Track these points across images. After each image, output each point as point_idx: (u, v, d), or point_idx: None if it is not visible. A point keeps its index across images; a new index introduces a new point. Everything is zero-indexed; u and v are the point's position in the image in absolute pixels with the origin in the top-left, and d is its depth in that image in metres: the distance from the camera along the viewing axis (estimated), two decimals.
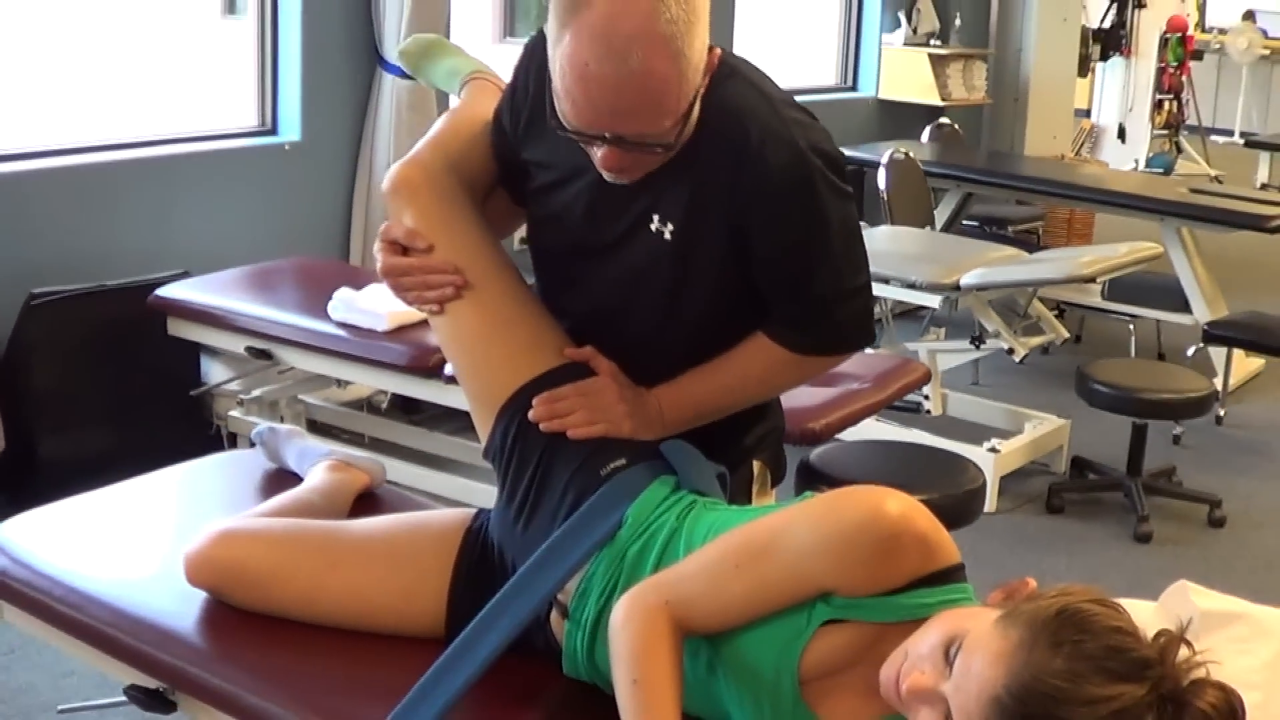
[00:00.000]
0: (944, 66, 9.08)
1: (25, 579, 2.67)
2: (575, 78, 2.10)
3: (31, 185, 5.13)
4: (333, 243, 6.05)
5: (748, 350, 2.43)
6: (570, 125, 2.16)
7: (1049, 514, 5.47)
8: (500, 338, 2.48)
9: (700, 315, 2.41)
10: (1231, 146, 14.40)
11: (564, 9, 2.11)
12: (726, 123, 2.23)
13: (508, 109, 2.50)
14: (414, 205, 2.52)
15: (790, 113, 2.29)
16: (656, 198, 2.31)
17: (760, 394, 2.57)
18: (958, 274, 5.76)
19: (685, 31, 2.10)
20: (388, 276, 2.51)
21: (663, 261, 2.35)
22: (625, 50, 2.06)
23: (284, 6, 5.86)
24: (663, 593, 2.05)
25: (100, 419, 5.03)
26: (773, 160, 2.23)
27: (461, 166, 2.57)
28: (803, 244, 2.32)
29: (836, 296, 2.39)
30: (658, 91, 2.10)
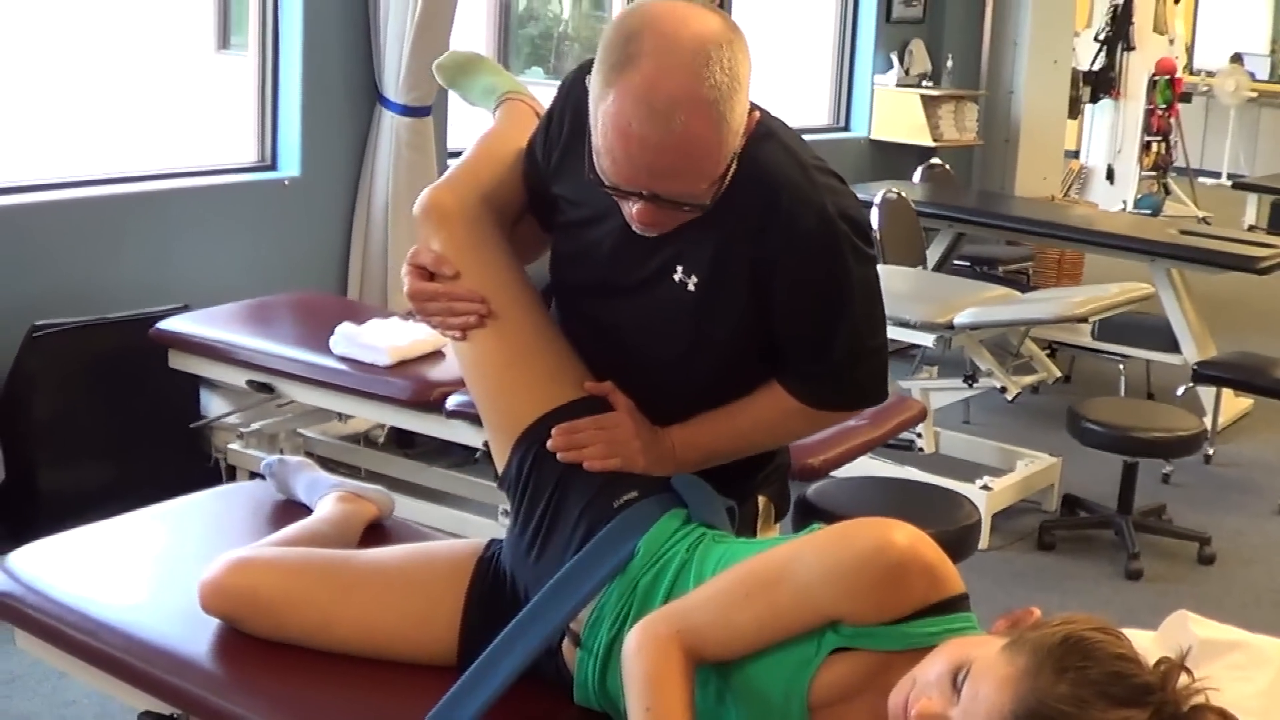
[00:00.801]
0: (936, 107, 9.14)
1: (38, 605, 2.71)
2: (617, 136, 2.14)
3: (34, 218, 5.16)
4: (331, 278, 6.09)
5: (762, 398, 2.48)
6: (608, 180, 2.20)
7: (1040, 551, 5.51)
8: (521, 368, 2.52)
9: (717, 363, 2.46)
10: (1219, 188, 14.48)
11: (610, 67, 2.15)
12: (758, 183, 2.27)
13: (541, 142, 2.54)
14: (443, 231, 2.55)
15: (821, 178, 2.34)
16: (682, 249, 2.35)
17: (771, 441, 2.63)
18: (951, 313, 5.81)
19: (728, 96, 2.14)
20: (413, 300, 2.54)
21: (684, 312, 2.39)
22: (668, 113, 2.10)
23: (285, 42, 5.90)
24: (674, 622, 2.09)
25: (100, 451, 5.05)
26: (801, 223, 2.28)
27: (492, 193, 2.60)
28: (825, 305, 2.36)
29: (854, 356, 2.44)
30: (698, 155, 2.15)
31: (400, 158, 6.02)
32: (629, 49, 2.13)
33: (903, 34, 9.34)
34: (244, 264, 5.74)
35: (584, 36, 12.07)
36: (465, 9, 6.18)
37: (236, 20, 14.25)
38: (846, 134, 9.21)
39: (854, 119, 9.32)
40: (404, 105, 5.99)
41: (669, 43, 2.12)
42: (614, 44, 2.16)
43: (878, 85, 9.22)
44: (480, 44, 7.89)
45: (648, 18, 2.17)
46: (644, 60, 2.11)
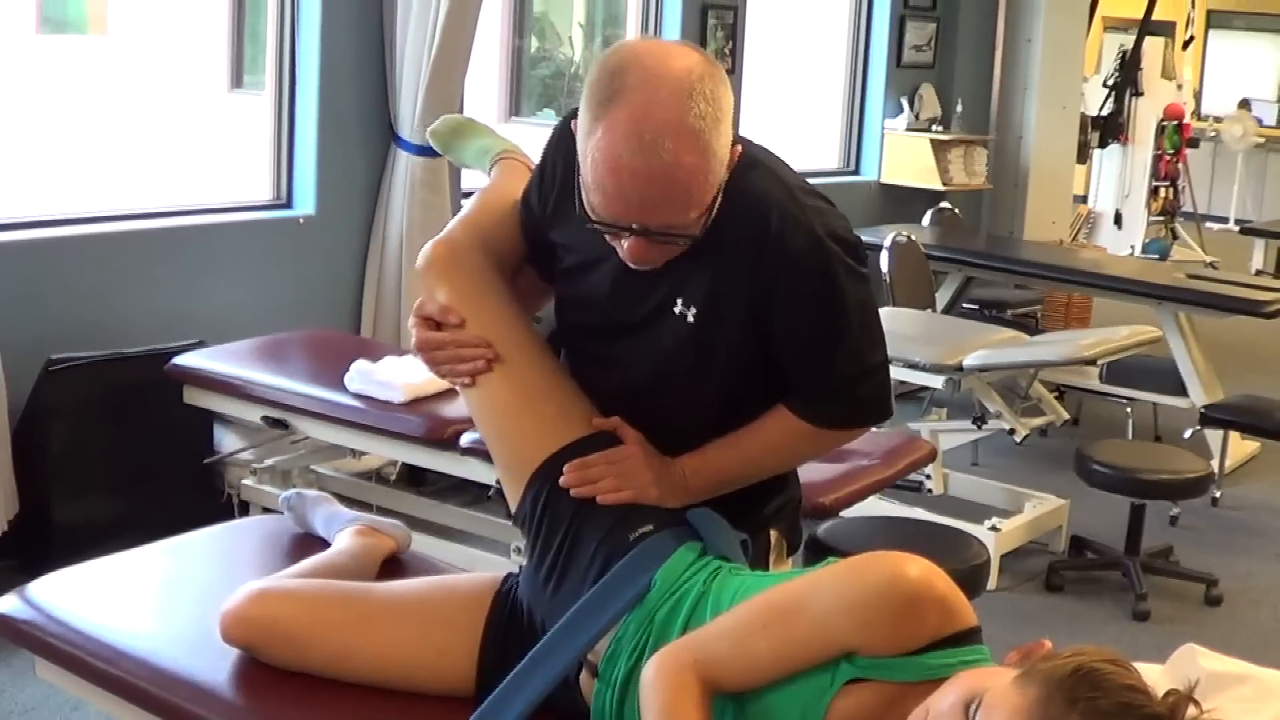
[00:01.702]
0: (945, 152, 9.19)
1: (60, 635, 2.74)
2: (607, 169, 2.20)
3: (51, 253, 5.21)
4: (345, 316, 6.13)
5: (769, 422, 2.52)
6: (599, 216, 2.26)
7: (1048, 592, 5.53)
8: (530, 408, 2.57)
9: (723, 391, 2.51)
10: (1226, 233, 14.52)
11: (597, 103, 2.21)
12: (748, 210, 2.33)
13: (536, 191, 2.61)
14: (446, 282, 2.61)
15: (809, 200, 2.39)
16: (680, 282, 2.41)
17: (781, 464, 2.66)
18: (960, 355, 5.84)
19: (713, 125, 2.21)
20: (422, 351, 2.60)
21: (687, 343, 2.44)
22: (656, 143, 2.16)
23: (301, 81, 5.96)
24: (692, 652, 2.12)
25: (114, 485, 5.08)
26: (792, 246, 2.33)
27: (492, 244, 2.67)
28: (822, 325, 2.41)
29: (855, 374, 2.48)
30: (686, 183, 2.20)
31: (414, 197, 6.07)
32: (614, 85, 2.20)
33: (913, 79, 9.40)
34: (259, 301, 5.78)
35: None
36: (479, 50, 6.23)
37: (250, 60, 14.34)
38: (856, 177, 9.26)
39: (864, 163, 9.37)
40: (419, 145, 6.03)
41: (653, 76, 2.19)
42: (599, 82, 2.23)
43: (888, 129, 9.27)
44: (493, 85, 7.96)
45: (631, 55, 2.25)
46: (630, 94, 2.18)
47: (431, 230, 6.05)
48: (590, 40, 13.21)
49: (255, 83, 13.68)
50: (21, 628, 2.79)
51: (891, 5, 9.20)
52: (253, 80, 14.16)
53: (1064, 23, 9.90)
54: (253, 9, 14.00)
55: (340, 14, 5.92)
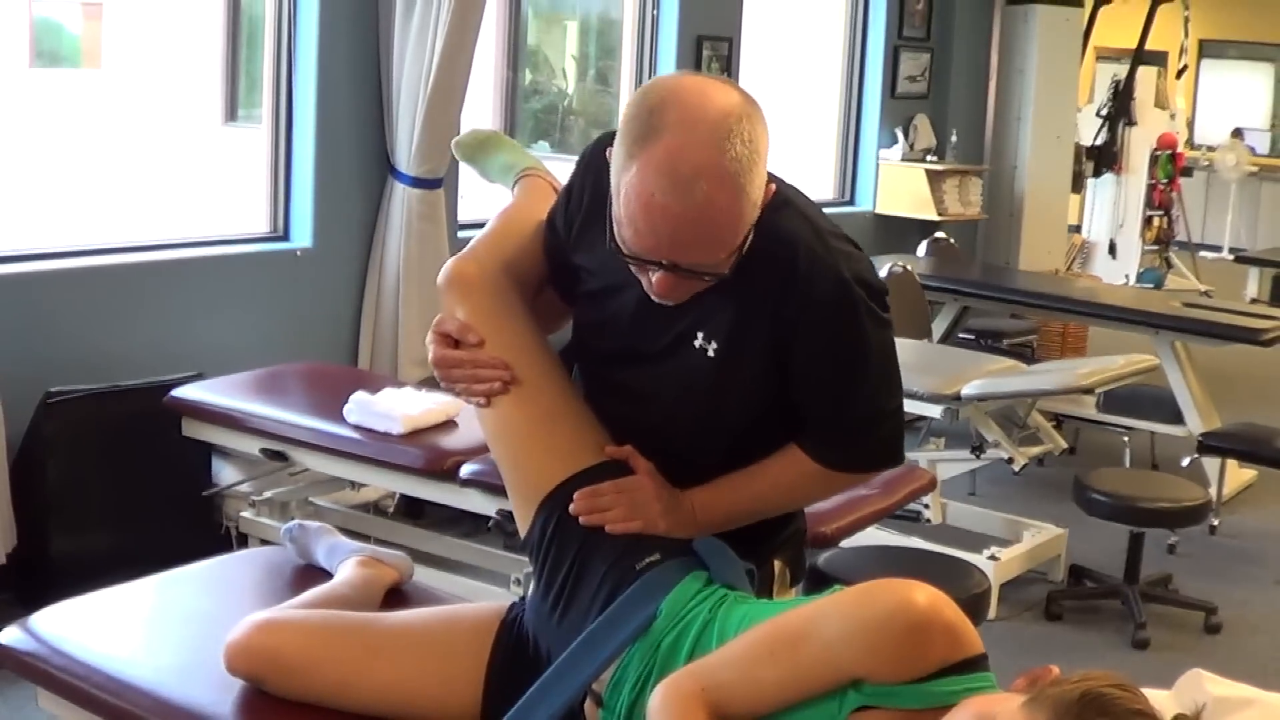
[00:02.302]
0: (940, 182, 9.21)
1: (63, 666, 2.74)
2: (639, 206, 2.19)
3: (49, 286, 5.22)
4: (343, 348, 6.14)
5: (781, 461, 2.51)
6: (628, 250, 2.25)
7: (1048, 621, 5.53)
8: (544, 433, 2.57)
9: (737, 427, 2.50)
10: (1220, 262, 14.53)
11: (633, 139, 2.20)
12: (776, 250, 2.32)
13: (562, 214, 2.59)
14: (468, 301, 2.60)
15: (837, 243, 2.39)
16: (702, 316, 2.40)
17: (790, 503, 2.67)
18: (958, 385, 5.84)
19: (748, 168, 2.20)
20: (438, 367, 2.59)
21: (704, 377, 2.43)
22: (690, 183, 2.15)
23: (298, 114, 5.98)
24: (698, 679, 2.12)
25: (112, 518, 5.07)
26: (818, 289, 2.33)
27: (514, 264, 2.66)
28: (842, 369, 2.41)
29: (871, 419, 2.49)
30: (718, 225, 2.20)
31: (412, 229, 6.07)
32: (652, 121, 2.19)
33: (907, 109, 9.43)
34: (257, 333, 5.79)
35: (589, 111, 12.15)
36: (474, 83, 6.24)
37: (244, 93, 14.35)
38: (852, 208, 9.28)
39: (859, 193, 9.39)
40: (415, 177, 6.05)
41: (692, 116, 2.18)
42: (637, 117, 2.22)
43: (883, 160, 9.30)
44: (487, 118, 7.95)
45: (670, 91, 2.23)
46: (667, 132, 2.17)
47: (429, 262, 6.10)
48: (584, 74, 13.22)
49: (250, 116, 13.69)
50: (23, 659, 2.79)
51: (886, 36, 9.24)
52: (247, 114, 14.18)
53: (1057, 53, 9.93)
54: (247, 43, 14.02)
55: (337, 47, 5.94)
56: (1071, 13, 10.07)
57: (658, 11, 7.76)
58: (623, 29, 8.17)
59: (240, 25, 14.23)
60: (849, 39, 9.31)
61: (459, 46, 5.95)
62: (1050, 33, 9.83)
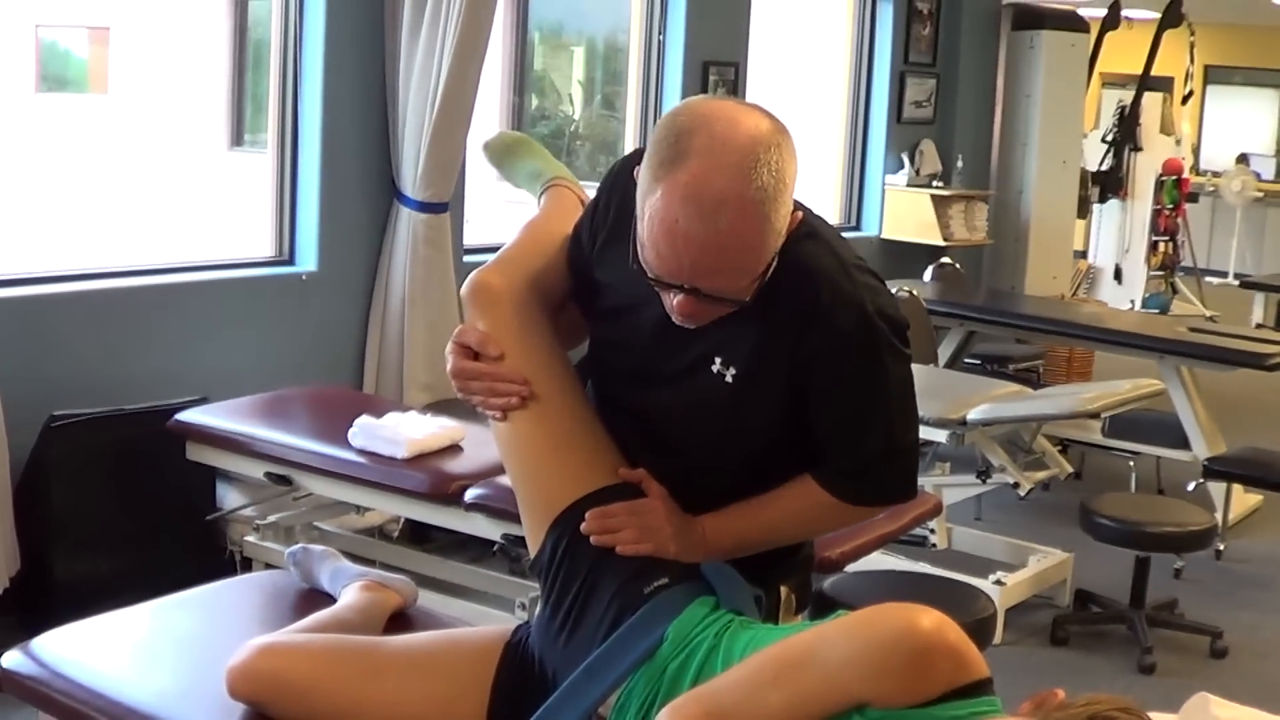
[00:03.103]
0: (946, 207, 9.22)
1: (64, 690, 2.72)
2: (663, 231, 2.17)
3: (54, 309, 5.22)
4: (347, 372, 6.13)
5: (794, 491, 2.50)
6: (651, 272, 2.24)
7: (1054, 646, 5.50)
8: (559, 452, 2.55)
9: (751, 455, 2.49)
10: (1225, 287, 14.54)
11: (660, 163, 2.19)
12: (799, 281, 2.31)
13: (587, 228, 2.58)
14: (491, 313, 2.58)
15: (861, 276, 2.38)
16: (721, 341, 2.38)
17: (800, 533, 2.66)
18: (964, 409, 5.83)
19: (774, 198, 2.18)
20: (456, 378, 2.57)
21: (720, 403, 2.42)
22: (715, 211, 2.14)
23: (304, 139, 5.98)
24: (703, 704, 2.10)
25: (116, 542, 5.05)
26: (841, 321, 2.32)
27: (539, 278, 2.64)
28: (860, 402, 2.41)
29: (887, 453, 2.48)
30: (741, 254, 2.19)
31: (417, 254, 6.08)
32: (680, 146, 2.17)
33: (913, 134, 9.45)
34: (262, 357, 5.79)
35: (595, 136, 12.18)
36: (480, 108, 6.25)
37: (250, 118, 14.39)
38: (858, 233, 9.29)
39: (865, 218, 9.41)
40: (421, 201, 6.05)
41: (719, 143, 2.16)
42: (665, 140, 2.20)
43: (889, 185, 9.31)
44: None
45: (699, 116, 2.21)
46: (694, 158, 2.15)
47: (434, 287, 6.11)
48: (590, 99, 13.26)
49: (255, 141, 13.73)
50: (24, 682, 2.78)
51: (892, 61, 9.26)
52: (253, 139, 14.21)
53: (1063, 79, 9.95)
54: (253, 67, 14.07)
55: (343, 71, 5.95)
56: (1077, 38, 10.08)
57: (664, 36, 7.78)
58: (629, 54, 8.18)
59: (246, 51, 14.28)
60: (855, 64, 9.34)
61: (465, 70, 5.95)
62: (1056, 58, 9.85)
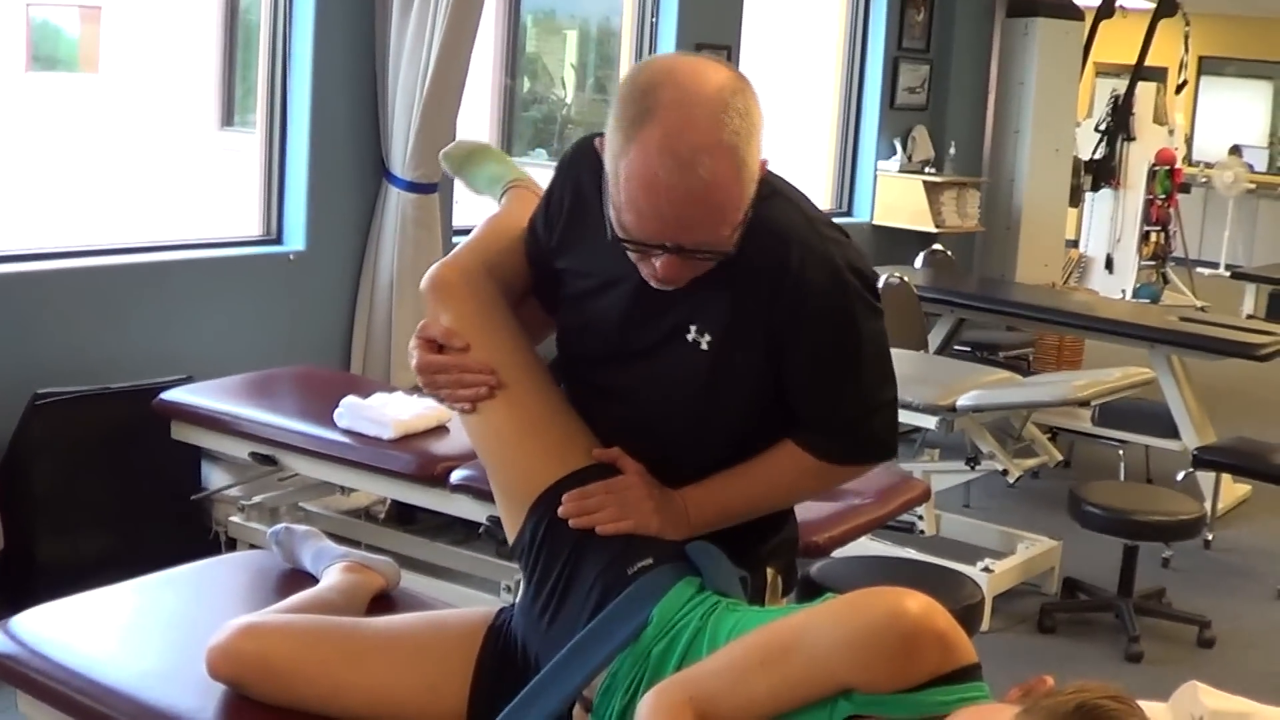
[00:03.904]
0: (938, 194, 9.19)
1: (43, 669, 2.69)
2: (642, 187, 2.17)
3: (39, 287, 5.18)
4: (335, 353, 6.10)
5: (775, 456, 2.48)
6: (630, 235, 2.22)
7: (1041, 634, 5.50)
8: (531, 437, 2.53)
9: (730, 422, 2.47)
10: (1217, 278, 14.53)
11: (629, 121, 2.18)
12: (768, 240, 2.30)
13: (542, 218, 2.57)
14: (452, 305, 2.57)
15: (829, 232, 2.38)
16: (695, 308, 2.37)
17: (784, 499, 2.63)
18: (953, 396, 5.82)
19: (746, 142, 2.19)
20: (422, 373, 2.55)
21: (697, 371, 2.40)
22: (693, 161, 2.14)
23: (293, 118, 5.94)
24: (687, 689, 2.08)
25: (100, 522, 5.03)
26: (812, 278, 2.31)
27: (498, 269, 2.63)
28: (836, 359, 2.39)
29: (865, 409, 2.46)
30: (722, 201, 2.18)
31: (406, 234, 6.04)
32: (646, 103, 2.17)
33: (906, 120, 9.41)
34: (248, 337, 5.75)
35: (587, 120, 12.12)
36: (472, 91, 6.22)
37: (240, 98, 14.34)
38: (849, 219, 9.25)
39: (857, 204, 9.38)
40: (410, 181, 6.02)
41: (686, 93, 2.17)
42: (630, 99, 2.20)
43: (881, 171, 9.28)
44: (485, 125, 7.93)
45: (661, 71, 2.22)
46: (663, 112, 2.15)
47: (423, 267, 5.97)
48: (583, 83, 13.21)
49: (246, 121, 13.64)
50: (4, 662, 2.75)
51: (885, 47, 9.23)
52: (243, 119, 14.14)
53: (1057, 66, 9.92)
54: (244, 47, 14.00)
55: (332, 50, 5.91)
56: (1072, 26, 10.05)
57: (656, 19, 7.74)
58: (621, 38, 8.15)
59: (237, 30, 14.22)
60: (848, 49, 9.30)
61: (455, 50, 5.92)
62: (1050, 46, 9.81)
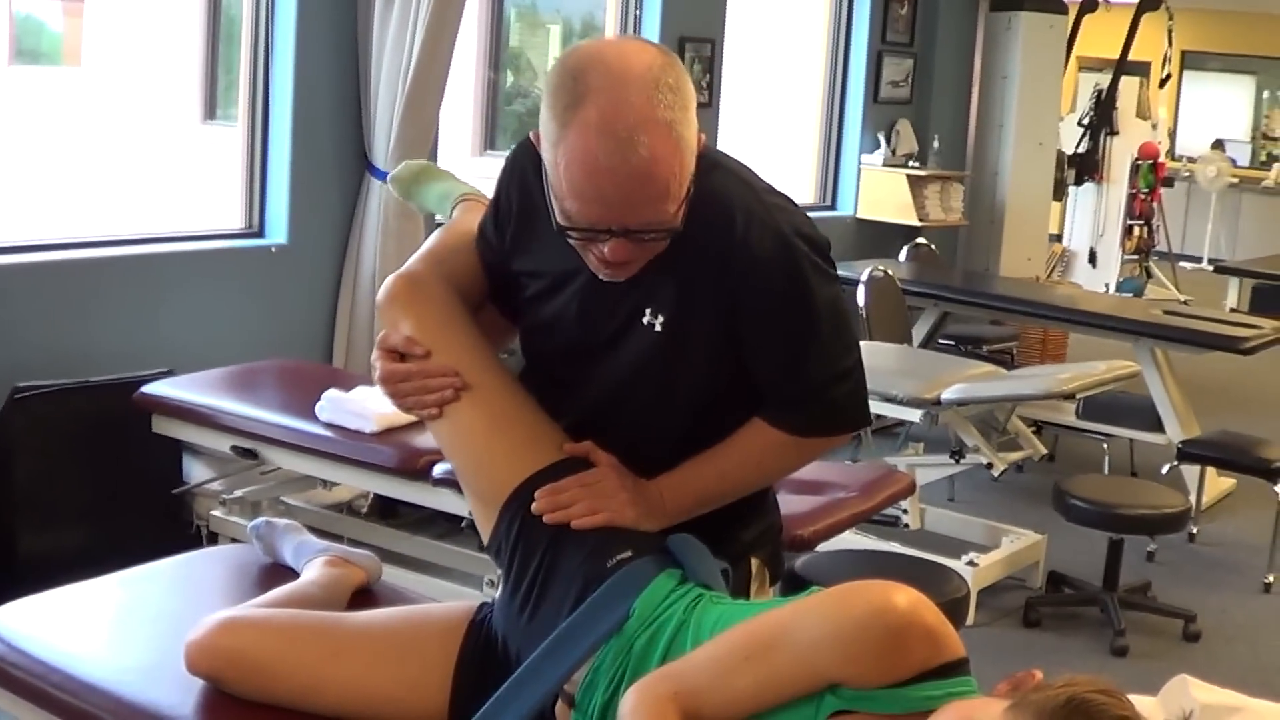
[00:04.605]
0: (922, 188, 9.18)
1: (21, 665, 2.67)
2: (583, 172, 2.15)
3: (18, 279, 5.14)
4: (317, 346, 6.07)
5: (746, 435, 2.46)
6: (575, 222, 2.21)
7: (1026, 628, 5.49)
8: (500, 436, 2.51)
9: (696, 403, 2.45)
10: (1200, 272, 14.56)
11: (563, 107, 2.17)
12: (712, 212, 2.29)
13: (492, 223, 2.57)
14: (410, 313, 2.56)
15: (773, 199, 2.37)
16: (648, 292, 2.36)
17: (760, 479, 2.60)
18: (938, 389, 5.81)
19: (681, 116, 2.19)
20: (386, 384, 2.55)
21: (657, 353, 2.39)
22: (631, 140, 2.13)
23: (275, 110, 5.91)
24: (671, 683, 2.06)
25: (81, 516, 5.00)
26: (758, 246, 2.30)
27: (453, 277, 2.62)
28: (792, 327, 2.37)
29: (829, 377, 2.43)
30: (664, 177, 2.17)
31: (388, 226, 6.01)
32: (577, 88, 2.17)
33: (890, 114, 9.40)
34: (230, 330, 5.72)
35: None
36: (455, 84, 6.20)
37: (223, 92, 14.30)
38: (833, 213, 9.24)
39: (840, 198, 9.37)
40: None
41: (616, 74, 2.17)
42: (561, 86, 2.19)
43: (864, 165, 9.27)
44: (468, 119, 7.91)
45: (589, 55, 2.22)
46: (595, 94, 2.15)
47: (405, 260, 6.01)
48: None
49: (229, 115, 13.60)
50: None
51: (869, 40, 9.21)
52: (226, 112, 14.10)
53: (1041, 60, 9.91)
54: (226, 41, 13.96)
55: (315, 42, 5.88)
56: (1055, 20, 10.05)
57: (640, 12, 7.72)
58: (605, 31, 8.12)
59: (220, 24, 14.19)
60: (832, 43, 9.28)
61: (438, 43, 5.89)
62: (1034, 39, 9.81)
